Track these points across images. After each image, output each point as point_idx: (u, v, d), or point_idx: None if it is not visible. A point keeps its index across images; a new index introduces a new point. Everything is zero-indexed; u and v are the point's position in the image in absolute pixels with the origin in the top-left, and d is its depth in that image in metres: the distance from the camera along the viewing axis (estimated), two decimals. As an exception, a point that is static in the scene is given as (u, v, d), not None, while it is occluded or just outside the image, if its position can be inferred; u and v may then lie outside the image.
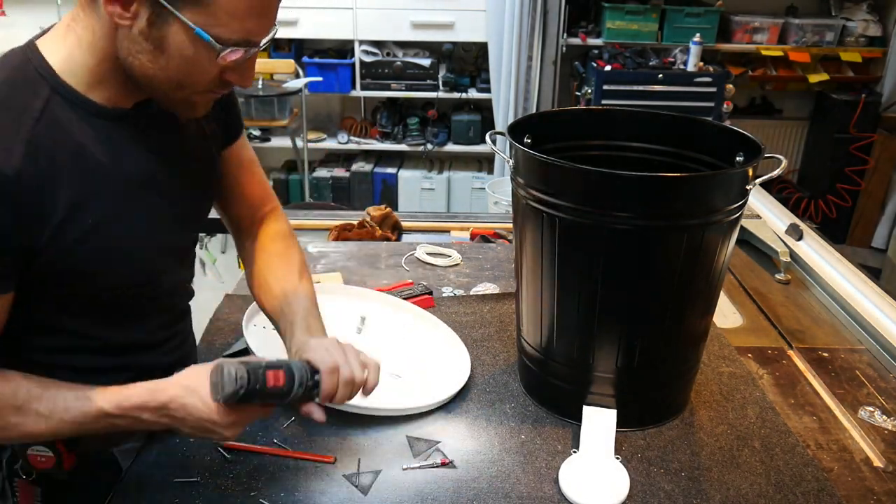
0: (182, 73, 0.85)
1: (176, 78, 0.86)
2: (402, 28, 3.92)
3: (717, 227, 1.04)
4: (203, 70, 0.86)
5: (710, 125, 1.26)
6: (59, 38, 0.88)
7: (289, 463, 1.07)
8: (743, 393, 1.26)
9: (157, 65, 0.84)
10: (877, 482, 1.09)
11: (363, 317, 1.37)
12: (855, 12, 4.01)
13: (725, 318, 1.56)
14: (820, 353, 1.43)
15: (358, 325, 1.34)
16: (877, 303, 1.52)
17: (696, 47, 3.55)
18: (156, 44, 0.83)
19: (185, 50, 0.83)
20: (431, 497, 1.01)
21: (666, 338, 1.12)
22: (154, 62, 0.84)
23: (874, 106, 4.00)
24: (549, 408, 1.21)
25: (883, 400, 1.29)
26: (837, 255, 1.74)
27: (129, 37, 0.83)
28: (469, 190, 4.24)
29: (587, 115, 1.37)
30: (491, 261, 1.76)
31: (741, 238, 1.81)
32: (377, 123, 4.26)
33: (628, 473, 1.05)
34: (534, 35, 3.68)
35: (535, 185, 1.08)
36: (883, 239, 4.11)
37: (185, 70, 0.85)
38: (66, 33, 0.87)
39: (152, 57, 0.84)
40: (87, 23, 0.85)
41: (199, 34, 0.81)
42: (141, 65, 0.85)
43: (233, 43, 0.83)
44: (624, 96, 3.53)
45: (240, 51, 0.85)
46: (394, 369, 1.25)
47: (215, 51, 0.83)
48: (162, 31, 0.82)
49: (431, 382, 1.23)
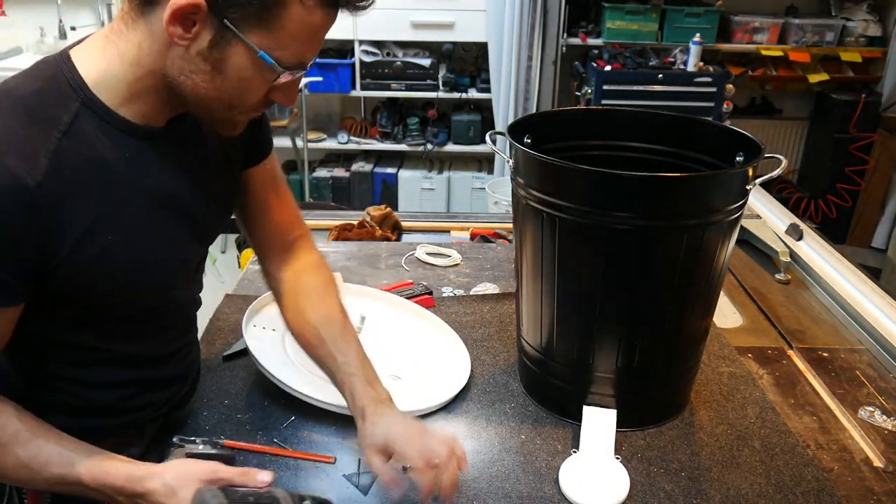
0: (236, 94, 0.85)
1: (228, 99, 0.86)
2: (402, 28, 3.92)
3: (717, 227, 1.04)
4: (256, 91, 0.86)
5: (710, 125, 1.26)
6: (98, 50, 0.86)
7: (289, 463, 1.07)
8: (743, 393, 1.26)
9: (211, 85, 0.84)
10: (877, 482, 1.09)
11: (363, 316, 1.37)
12: (855, 12, 4.01)
13: (725, 318, 1.56)
14: (820, 353, 1.43)
15: (357, 324, 1.34)
16: (877, 303, 1.52)
17: (696, 47, 3.55)
18: (214, 65, 0.82)
19: (244, 72, 0.83)
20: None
21: (666, 338, 1.12)
22: (209, 83, 0.84)
23: (874, 106, 4.00)
24: (549, 408, 1.21)
25: (883, 400, 1.29)
26: (837, 255, 1.74)
27: (184, 56, 0.82)
28: (469, 190, 4.24)
29: (587, 115, 1.37)
30: (491, 261, 1.76)
31: (741, 238, 1.81)
32: (377, 123, 4.26)
33: (628, 473, 1.05)
34: (534, 35, 3.68)
35: (535, 185, 1.08)
36: (883, 239, 4.12)
37: (239, 91, 0.85)
38: (105, 45, 0.86)
39: (208, 77, 0.83)
40: (132, 38, 0.84)
41: (263, 57, 0.81)
42: (194, 84, 0.84)
43: (291, 66, 0.84)
44: (624, 96, 3.53)
45: (292, 75, 0.86)
46: (394, 370, 1.25)
47: (276, 73, 0.83)
48: (224, 52, 0.81)
49: (431, 384, 1.23)
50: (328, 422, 1.15)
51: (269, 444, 1.10)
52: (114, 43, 0.85)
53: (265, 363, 1.18)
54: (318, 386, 1.15)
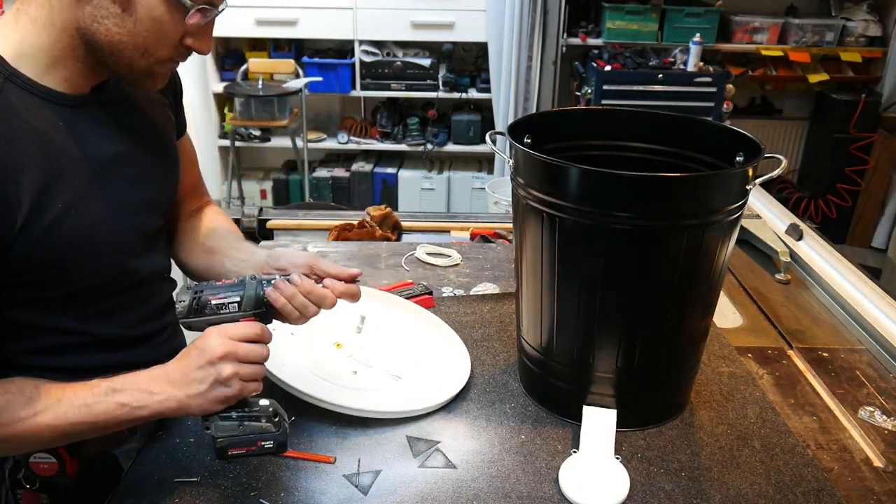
0: (149, 36, 0.87)
1: (143, 43, 0.87)
2: (402, 28, 3.92)
3: (717, 227, 1.04)
4: (168, 33, 0.88)
5: (710, 125, 1.26)
6: (10, 24, 0.87)
7: (289, 463, 1.07)
8: (743, 393, 1.26)
9: (123, 28, 0.85)
10: (877, 482, 1.09)
11: (363, 316, 1.37)
12: (855, 12, 4.01)
13: (725, 318, 1.56)
14: (820, 353, 1.43)
15: (358, 324, 1.34)
16: (877, 303, 1.52)
17: (696, 47, 3.55)
18: (123, 6, 0.84)
19: (154, 10, 0.85)
20: (431, 497, 1.01)
21: (666, 338, 1.12)
22: (121, 26, 0.85)
23: (874, 106, 4.00)
24: (549, 408, 1.21)
25: (883, 400, 1.29)
26: (837, 255, 1.74)
27: (93, 4, 0.84)
28: (469, 190, 4.24)
29: (587, 115, 1.37)
30: (491, 261, 1.76)
31: (741, 238, 1.81)
32: (377, 123, 4.26)
33: (628, 473, 1.05)
34: (534, 35, 3.68)
35: (535, 185, 1.08)
36: (883, 239, 4.12)
37: (152, 33, 0.87)
38: (16, 18, 0.87)
39: (119, 21, 0.85)
40: (41, 0, 0.85)
41: None
42: (106, 30, 0.85)
43: (203, 2, 0.86)
44: (624, 96, 3.54)
45: (203, 16, 0.88)
46: (394, 370, 1.25)
47: (185, 9, 0.85)
48: None
49: (431, 383, 1.23)
50: (328, 422, 1.15)
51: (269, 444, 1.10)
52: (24, 12, 0.87)
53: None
54: (319, 386, 1.16)
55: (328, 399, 1.13)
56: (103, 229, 0.94)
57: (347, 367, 1.24)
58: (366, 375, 1.23)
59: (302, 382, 1.16)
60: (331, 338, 1.29)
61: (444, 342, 1.36)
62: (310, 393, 1.14)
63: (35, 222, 0.85)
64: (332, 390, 1.15)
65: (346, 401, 1.13)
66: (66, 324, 0.97)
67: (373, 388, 1.20)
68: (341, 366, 1.23)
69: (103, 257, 0.96)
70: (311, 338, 1.25)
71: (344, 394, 1.15)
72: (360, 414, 1.13)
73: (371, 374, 1.23)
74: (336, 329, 1.30)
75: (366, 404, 1.14)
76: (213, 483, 1.01)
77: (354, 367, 1.24)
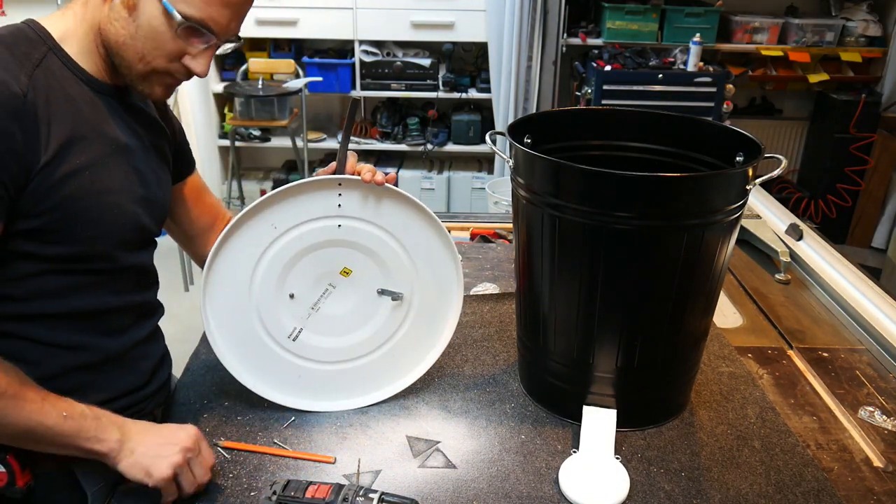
0: (147, 43, 0.94)
1: (141, 48, 0.94)
2: (402, 28, 3.92)
3: (717, 227, 1.04)
4: (165, 44, 0.94)
5: (710, 125, 1.26)
6: (59, 15, 0.99)
7: (289, 463, 1.07)
8: (743, 393, 1.26)
9: (127, 32, 0.94)
10: (877, 482, 1.09)
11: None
12: (855, 12, 4.01)
13: (725, 318, 1.56)
14: (820, 353, 1.43)
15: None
16: (877, 303, 1.52)
17: (696, 47, 3.55)
18: (130, 11, 0.93)
19: (153, 20, 0.93)
20: (431, 497, 1.01)
21: (666, 338, 1.12)
22: (126, 29, 0.94)
23: (874, 106, 4.00)
24: (549, 408, 1.21)
25: (883, 400, 1.29)
26: (837, 255, 1.74)
27: (111, 5, 0.94)
28: (469, 190, 4.24)
29: (587, 115, 1.37)
30: (491, 261, 1.76)
31: (741, 238, 1.81)
32: (377, 123, 4.26)
33: (628, 473, 1.05)
34: (534, 35, 3.68)
35: (535, 184, 1.08)
36: (883, 239, 4.12)
37: (150, 40, 0.94)
38: (64, 11, 0.99)
39: (126, 24, 0.93)
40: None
41: (165, 6, 0.91)
42: (115, 31, 0.94)
43: (194, 21, 0.92)
44: (624, 96, 3.54)
45: (200, 38, 0.95)
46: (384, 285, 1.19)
47: (175, 22, 0.91)
48: None
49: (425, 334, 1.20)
50: (328, 422, 1.15)
51: (269, 444, 1.10)
52: (70, 8, 0.99)
53: None
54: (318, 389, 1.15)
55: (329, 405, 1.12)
56: (110, 200, 0.98)
57: None
58: None
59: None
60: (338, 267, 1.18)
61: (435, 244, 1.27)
62: None
63: (55, 167, 0.91)
64: (332, 390, 1.15)
65: None
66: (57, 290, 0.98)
67: None
68: None
69: (102, 226, 0.98)
70: None
71: None
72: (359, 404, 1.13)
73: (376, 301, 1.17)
74: None
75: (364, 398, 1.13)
76: (213, 483, 1.01)
77: None
